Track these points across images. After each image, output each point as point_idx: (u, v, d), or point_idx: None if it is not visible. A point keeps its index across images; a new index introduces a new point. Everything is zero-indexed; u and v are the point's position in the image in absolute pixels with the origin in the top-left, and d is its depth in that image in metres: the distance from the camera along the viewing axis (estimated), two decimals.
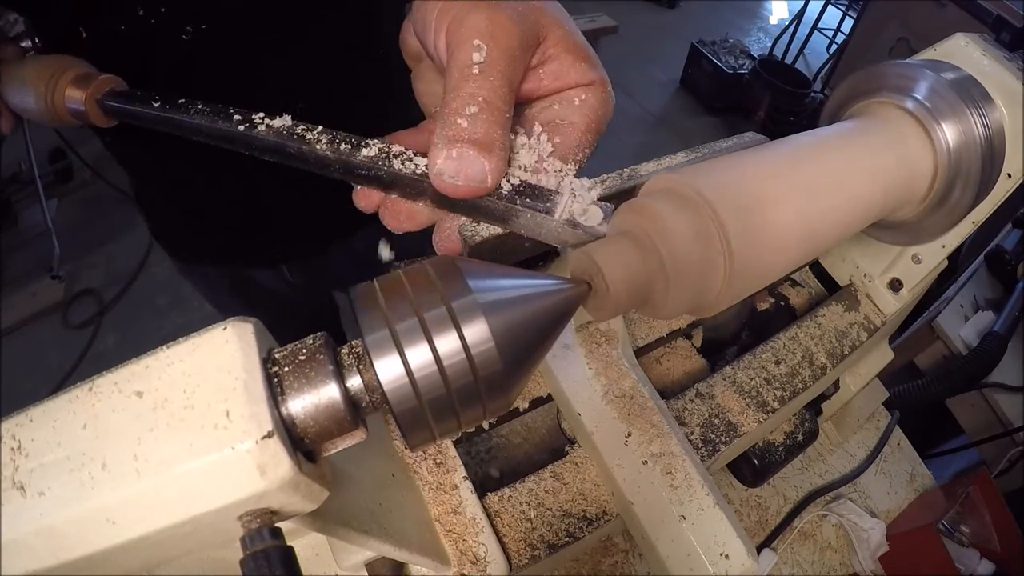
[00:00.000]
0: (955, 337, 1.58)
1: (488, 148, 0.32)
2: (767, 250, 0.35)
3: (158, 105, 0.46)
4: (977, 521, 0.88)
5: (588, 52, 0.39)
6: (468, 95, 0.32)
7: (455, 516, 0.45)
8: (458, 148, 0.32)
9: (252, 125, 0.39)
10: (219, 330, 0.23)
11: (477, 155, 0.32)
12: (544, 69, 0.38)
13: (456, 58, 0.33)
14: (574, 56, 0.38)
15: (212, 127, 0.42)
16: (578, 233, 0.34)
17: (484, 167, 0.32)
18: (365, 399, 0.25)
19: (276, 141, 0.38)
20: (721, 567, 0.43)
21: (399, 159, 0.35)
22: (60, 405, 0.23)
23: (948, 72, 0.47)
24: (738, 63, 3.49)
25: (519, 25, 0.34)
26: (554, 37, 0.37)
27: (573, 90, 0.38)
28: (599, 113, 0.38)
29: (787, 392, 0.56)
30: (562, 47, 0.37)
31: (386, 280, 0.26)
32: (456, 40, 0.34)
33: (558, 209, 0.34)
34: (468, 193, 0.33)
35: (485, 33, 0.33)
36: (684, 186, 0.33)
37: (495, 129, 0.32)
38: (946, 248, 0.57)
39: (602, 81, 0.39)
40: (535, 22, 0.36)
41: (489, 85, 0.33)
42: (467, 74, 0.33)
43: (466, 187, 0.33)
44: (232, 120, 0.40)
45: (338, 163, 0.37)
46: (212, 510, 0.21)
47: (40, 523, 0.21)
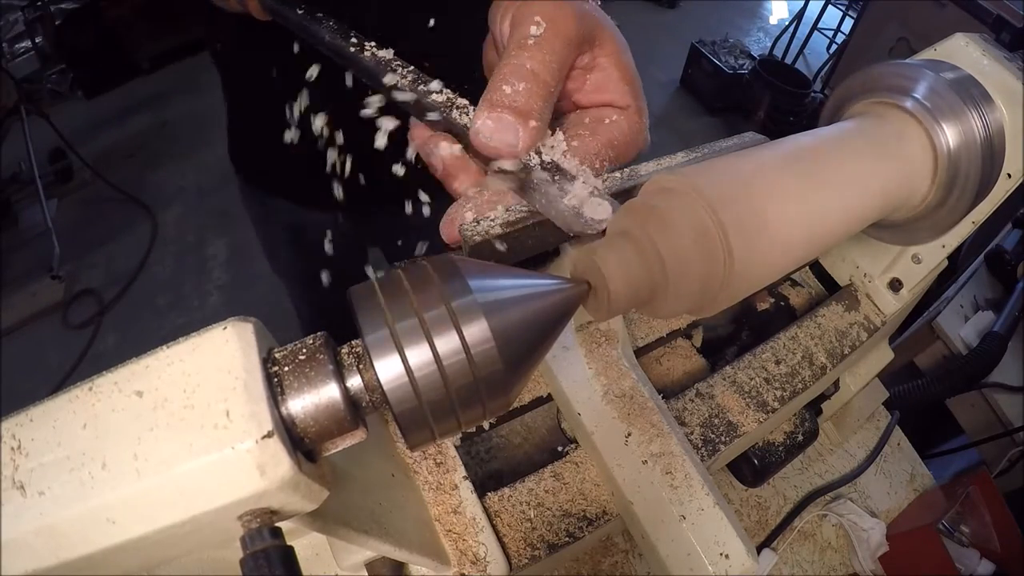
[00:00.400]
0: (955, 337, 1.58)
1: (526, 116, 0.34)
2: (767, 250, 0.35)
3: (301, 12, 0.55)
4: (977, 521, 0.88)
5: (635, 78, 0.41)
6: (518, 63, 0.35)
7: (455, 516, 0.45)
8: (498, 112, 0.34)
9: (362, 49, 0.47)
10: (219, 330, 0.23)
11: (514, 121, 0.34)
12: (590, 75, 0.40)
13: (515, 32, 0.36)
14: (620, 74, 0.40)
15: (333, 42, 0.50)
16: (581, 222, 0.35)
17: (518, 134, 0.34)
18: (365, 399, 0.25)
19: (373, 68, 0.46)
20: (721, 567, 0.42)
21: (460, 110, 0.40)
22: (60, 405, 0.23)
23: (948, 72, 0.47)
24: (738, 63, 3.49)
25: (579, 20, 0.37)
26: (607, 49, 0.40)
27: (607, 108, 0.40)
28: (626, 138, 0.40)
29: (787, 392, 0.56)
30: (612, 60, 0.40)
31: (386, 280, 0.26)
32: (519, 19, 0.37)
33: (569, 195, 0.36)
34: (499, 153, 0.35)
35: (546, 14, 0.36)
36: (684, 186, 0.33)
37: (536, 100, 0.35)
38: (946, 248, 0.57)
39: (638, 110, 0.41)
40: (594, 27, 0.39)
41: (540, 58, 0.35)
42: (522, 44, 0.35)
43: (496, 149, 0.35)
44: (349, 40, 0.49)
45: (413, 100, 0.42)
46: (212, 510, 0.21)
47: (40, 523, 0.21)
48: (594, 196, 0.36)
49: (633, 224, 0.33)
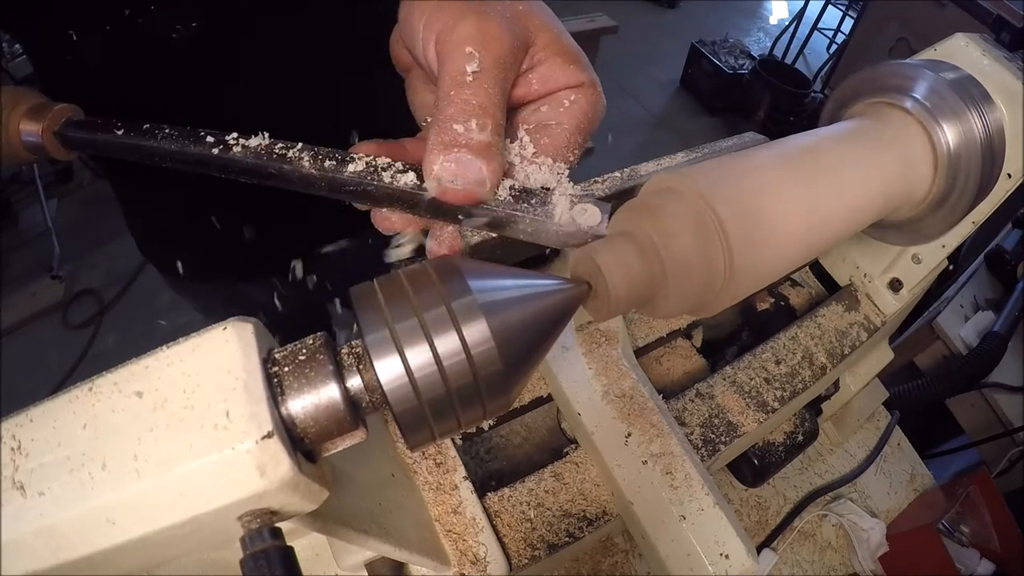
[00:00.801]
0: (955, 337, 1.58)
1: (485, 152, 0.32)
2: (767, 250, 0.35)
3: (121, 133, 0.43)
4: (977, 521, 0.88)
5: (578, 54, 0.38)
6: (463, 101, 0.32)
7: (455, 516, 0.45)
8: (455, 152, 0.32)
9: (227, 147, 0.37)
10: (219, 330, 0.23)
11: (474, 159, 0.32)
12: (533, 73, 0.37)
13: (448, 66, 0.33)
14: (563, 59, 0.37)
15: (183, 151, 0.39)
16: (578, 234, 0.34)
17: (482, 170, 0.32)
18: (365, 399, 0.25)
19: (255, 162, 0.36)
20: (721, 567, 0.42)
21: (388, 172, 0.34)
22: (60, 405, 0.23)
23: (948, 72, 0.47)
24: (738, 63, 3.49)
25: (509, 31, 0.34)
26: (543, 40, 0.37)
27: (562, 92, 0.38)
28: (589, 114, 0.38)
29: (787, 392, 0.56)
30: (551, 50, 0.37)
31: (386, 280, 0.26)
32: (447, 48, 0.34)
33: (557, 211, 0.34)
34: (467, 198, 0.33)
35: (476, 41, 0.33)
36: (684, 186, 0.33)
37: (491, 134, 0.32)
38: (946, 248, 0.57)
39: (592, 82, 0.39)
40: (524, 27, 0.36)
41: (483, 91, 0.33)
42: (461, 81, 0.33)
43: (465, 191, 0.32)
44: (204, 142, 0.38)
45: (323, 180, 0.35)
46: (212, 510, 0.21)
47: (40, 523, 0.21)
48: (576, 204, 0.34)
49: (633, 224, 0.33)
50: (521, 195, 0.34)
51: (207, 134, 0.38)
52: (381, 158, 0.35)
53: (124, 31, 0.59)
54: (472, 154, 0.32)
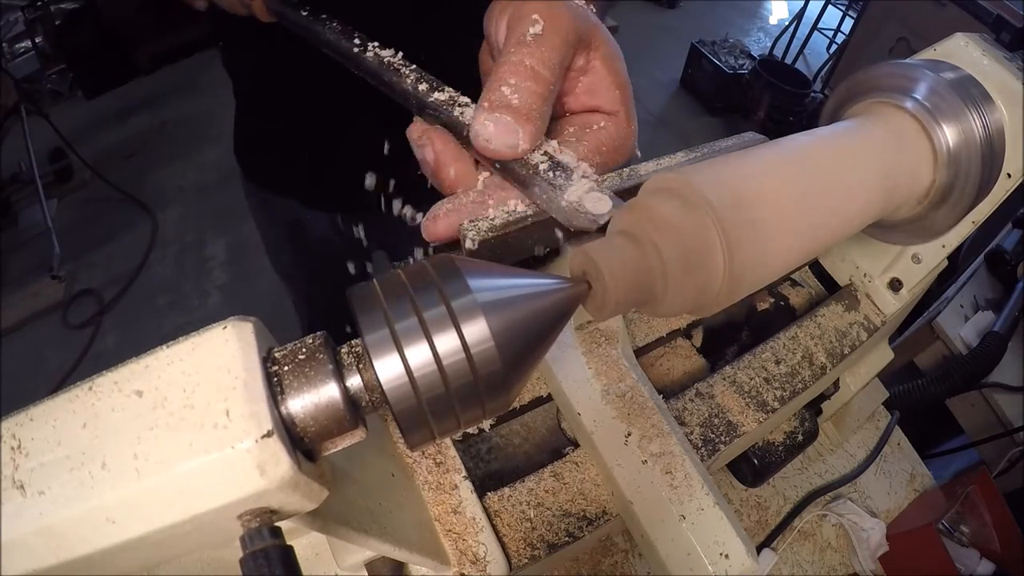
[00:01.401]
0: (955, 337, 1.58)
1: (525, 117, 0.34)
2: (767, 249, 0.35)
3: (305, 14, 0.55)
4: (977, 521, 0.88)
5: (626, 84, 0.41)
6: (517, 62, 0.35)
7: (455, 516, 0.45)
8: (497, 114, 0.34)
9: (365, 49, 0.48)
10: (219, 329, 0.23)
11: (513, 122, 0.34)
12: (584, 78, 0.40)
13: (513, 31, 0.36)
14: (612, 79, 0.40)
15: (337, 43, 0.51)
16: (581, 216, 0.35)
17: (518, 135, 0.34)
18: (365, 398, 0.25)
19: (376, 68, 0.47)
20: (721, 567, 0.42)
21: (462, 108, 0.40)
22: (60, 405, 0.23)
23: (948, 72, 0.47)
24: (738, 63, 3.49)
25: (576, 20, 0.37)
26: (602, 53, 0.39)
27: (595, 114, 0.40)
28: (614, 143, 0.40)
29: (787, 392, 0.56)
30: (605, 64, 0.40)
31: (386, 279, 0.26)
32: (516, 18, 0.37)
33: (571, 189, 0.36)
34: (499, 155, 0.36)
35: (544, 12, 0.36)
36: (684, 186, 0.33)
37: (535, 99, 0.34)
38: (946, 248, 0.57)
39: (627, 117, 0.41)
40: (589, 30, 0.39)
41: (539, 55, 0.35)
42: (521, 41, 0.35)
43: (497, 151, 0.35)
44: (353, 41, 0.49)
45: (415, 98, 0.43)
46: (212, 509, 0.21)
47: (40, 522, 0.21)
48: (594, 191, 0.36)
49: (633, 223, 0.33)
50: (550, 164, 0.37)
51: (358, 36, 0.50)
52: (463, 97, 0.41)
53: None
54: (512, 116, 0.34)
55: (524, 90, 0.34)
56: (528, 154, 0.37)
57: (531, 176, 0.37)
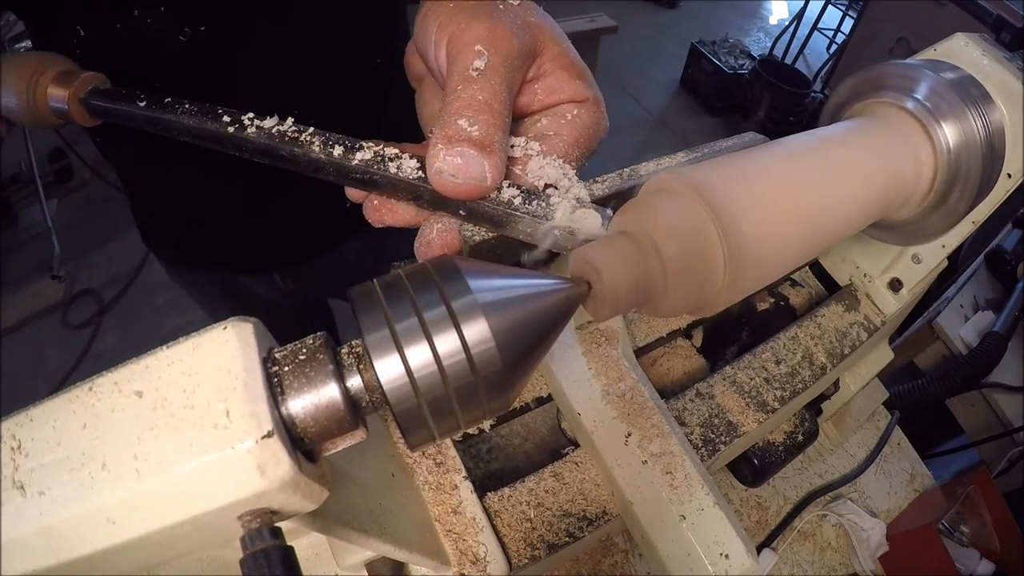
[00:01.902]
0: (955, 337, 1.58)
1: (488, 148, 0.32)
2: (767, 250, 0.35)
3: (144, 104, 0.45)
4: (977, 521, 0.88)
5: (583, 70, 0.39)
6: (469, 96, 0.33)
7: (455, 516, 0.45)
8: (458, 147, 0.32)
9: (242, 126, 0.38)
10: (219, 330, 0.23)
11: (477, 154, 0.32)
12: (539, 84, 0.38)
13: (457, 63, 0.34)
14: (569, 72, 0.38)
15: (201, 127, 0.41)
16: (575, 239, 0.34)
17: (484, 166, 0.32)
18: (365, 399, 0.25)
19: (267, 143, 0.38)
20: (721, 567, 0.42)
21: (394, 162, 0.35)
22: (60, 405, 0.23)
23: (948, 72, 0.47)
24: (738, 63, 3.49)
25: (518, 36, 0.35)
26: (550, 53, 0.38)
27: (565, 105, 0.39)
28: (590, 130, 0.38)
29: (787, 392, 0.56)
30: (557, 63, 0.38)
31: (386, 280, 0.26)
32: (457, 48, 0.35)
33: (557, 215, 0.34)
34: (468, 193, 0.33)
35: (486, 40, 0.34)
36: (684, 186, 0.33)
37: (495, 131, 0.33)
38: (946, 248, 0.57)
39: (595, 100, 0.39)
40: (533, 36, 0.37)
41: (490, 88, 0.33)
42: (468, 76, 0.33)
43: (466, 186, 0.33)
44: (221, 120, 0.39)
45: (332, 166, 0.36)
46: (212, 510, 0.21)
47: (40, 523, 0.21)
48: (578, 209, 0.34)
49: (633, 224, 0.33)
50: (523, 195, 0.35)
51: (224, 112, 0.40)
52: (389, 148, 0.36)
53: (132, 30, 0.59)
54: (475, 150, 0.32)
55: (482, 123, 0.32)
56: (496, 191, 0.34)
57: (507, 214, 0.34)
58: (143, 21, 0.59)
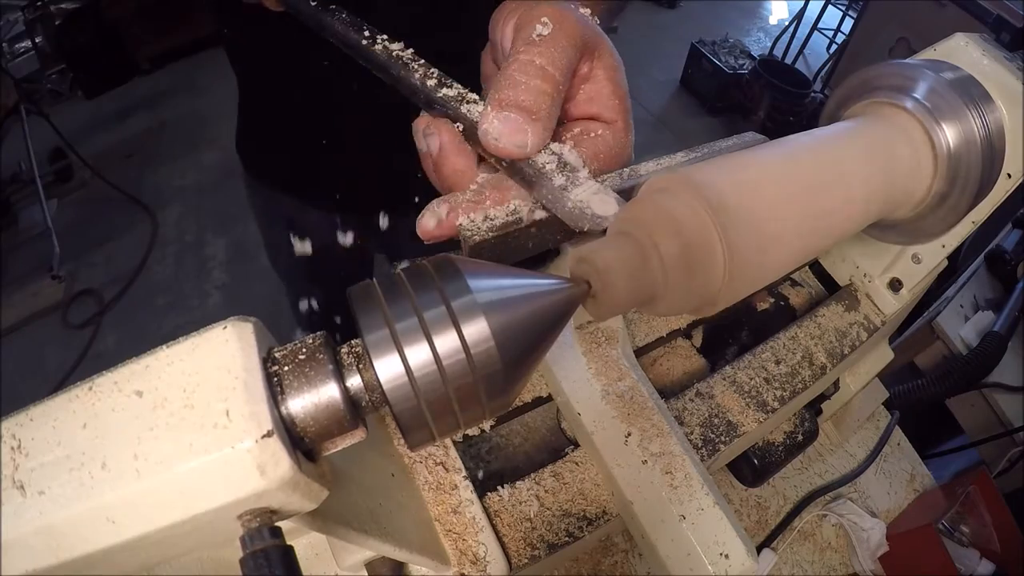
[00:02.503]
0: (955, 337, 1.58)
1: (534, 115, 0.34)
2: (767, 249, 0.35)
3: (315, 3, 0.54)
4: (977, 521, 0.88)
5: (625, 95, 0.41)
6: (526, 60, 0.35)
7: (455, 516, 0.45)
8: (507, 112, 0.34)
9: (374, 41, 0.47)
10: (219, 329, 0.23)
11: (523, 121, 0.34)
12: (585, 85, 0.40)
13: (521, 32, 0.37)
14: (613, 88, 0.40)
15: (346, 34, 0.49)
16: (587, 217, 0.35)
17: (527, 134, 0.34)
18: (365, 398, 0.25)
19: (385, 61, 0.45)
20: (721, 567, 0.43)
21: (471, 104, 0.40)
22: (60, 405, 0.23)
23: (948, 72, 0.47)
24: (738, 63, 3.49)
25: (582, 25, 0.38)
26: (604, 62, 0.40)
27: (594, 123, 0.40)
28: (612, 152, 0.41)
29: (787, 392, 0.56)
30: (606, 73, 0.40)
31: (386, 279, 0.26)
32: (524, 20, 0.37)
33: (577, 189, 0.36)
34: (507, 155, 0.35)
35: (553, 15, 0.36)
36: (684, 185, 0.33)
37: (544, 99, 0.34)
38: (946, 248, 0.57)
39: (626, 127, 0.42)
40: (594, 38, 0.39)
41: (548, 54, 0.35)
42: (529, 41, 0.35)
43: (506, 149, 0.35)
44: (362, 33, 0.48)
45: (423, 93, 0.42)
46: (212, 509, 0.21)
47: (40, 522, 0.21)
48: (600, 193, 0.36)
49: (633, 224, 0.33)
50: (557, 165, 0.37)
51: (367, 28, 0.49)
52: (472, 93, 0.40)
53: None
54: (521, 115, 0.34)
55: (533, 89, 0.34)
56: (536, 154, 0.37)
57: (537, 175, 0.37)
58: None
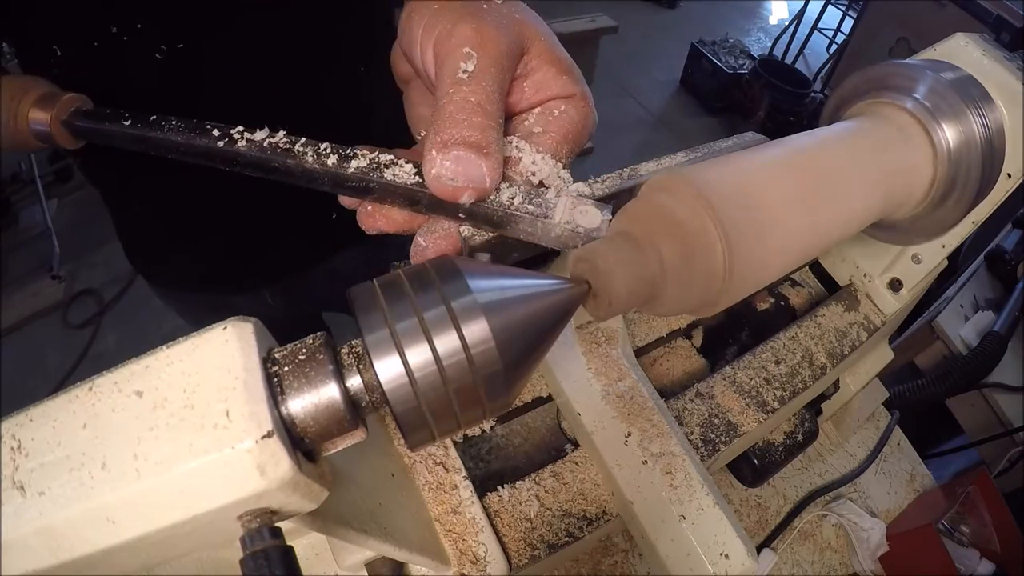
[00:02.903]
0: (955, 337, 1.58)
1: (484, 150, 0.32)
2: (767, 249, 0.35)
3: (129, 123, 0.44)
4: (977, 521, 0.88)
5: (570, 66, 0.39)
6: (461, 99, 0.33)
7: (455, 516, 0.45)
8: (455, 151, 0.32)
9: (232, 140, 0.38)
10: (219, 330, 0.23)
11: (475, 157, 0.32)
12: (527, 81, 0.38)
13: (446, 66, 0.34)
14: (556, 69, 0.38)
15: (189, 143, 0.40)
16: (577, 235, 0.34)
17: (482, 168, 0.32)
18: (365, 399, 0.25)
19: (259, 156, 0.37)
20: (721, 567, 0.43)
21: (390, 169, 0.35)
22: (60, 405, 0.23)
23: (948, 72, 0.47)
24: (738, 63, 3.49)
25: (505, 36, 0.35)
26: (536, 49, 0.38)
27: (553, 102, 0.38)
28: (578, 125, 0.38)
29: (787, 392, 0.56)
30: (544, 59, 0.38)
31: (386, 280, 0.26)
32: (445, 51, 0.34)
33: (557, 212, 0.34)
34: (467, 196, 0.33)
35: (474, 42, 0.34)
36: (683, 185, 0.33)
37: (489, 132, 0.33)
38: (946, 248, 0.57)
39: (583, 95, 0.39)
40: (520, 34, 0.37)
41: (481, 89, 0.33)
42: (458, 80, 0.33)
43: (465, 189, 0.33)
44: (211, 135, 0.39)
45: (327, 176, 0.36)
46: (212, 510, 0.21)
47: (40, 523, 0.21)
48: (578, 206, 0.34)
49: (633, 223, 0.33)
50: (522, 195, 0.35)
51: (213, 127, 0.39)
52: (384, 154, 0.36)
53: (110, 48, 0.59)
54: (471, 151, 0.32)
55: (477, 125, 0.32)
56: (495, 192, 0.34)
57: (507, 215, 0.34)
58: (120, 39, 0.58)
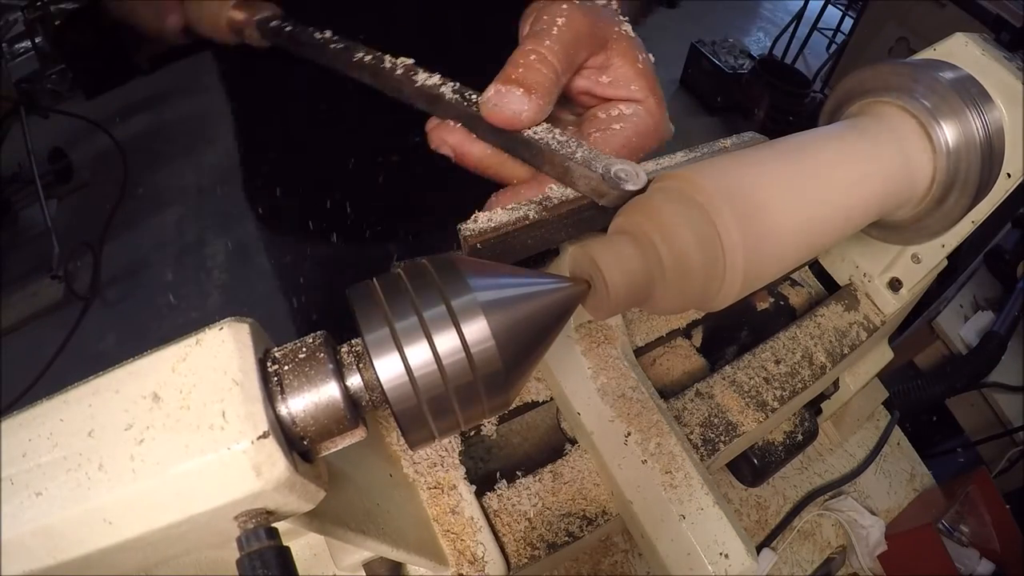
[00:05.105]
0: (955, 337, 1.58)
1: (532, 90, 0.38)
2: (766, 248, 0.35)
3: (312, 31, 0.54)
4: (977, 521, 0.88)
5: (649, 71, 0.45)
6: (530, 48, 0.39)
7: (453, 516, 0.45)
8: (507, 86, 0.38)
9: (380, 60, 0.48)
10: (216, 330, 0.23)
11: (521, 94, 0.38)
12: (604, 74, 0.43)
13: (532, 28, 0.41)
14: (634, 70, 0.43)
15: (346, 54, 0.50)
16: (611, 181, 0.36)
17: (524, 104, 0.38)
18: (365, 398, 0.25)
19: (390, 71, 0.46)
20: (721, 567, 0.42)
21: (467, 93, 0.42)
22: (58, 405, 0.23)
23: (948, 72, 0.46)
24: (738, 63, 3.49)
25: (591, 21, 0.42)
26: (619, 48, 0.43)
27: (623, 103, 0.43)
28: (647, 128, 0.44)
29: (787, 392, 0.56)
30: (624, 59, 0.43)
31: (386, 279, 0.26)
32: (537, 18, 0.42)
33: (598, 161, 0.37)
34: (503, 121, 0.38)
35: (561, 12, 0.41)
36: (684, 184, 0.33)
37: (542, 78, 0.38)
38: (946, 248, 0.56)
39: (657, 101, 0.44)
40: (606, 28, 0.43)
41: (549, 44, 0.39)
42: (536, 33, 0.40)
43: (501, 116, 0.38)
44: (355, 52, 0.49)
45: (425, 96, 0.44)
46: (208, 510, 0.21)
47: (37, 523, 0.21)
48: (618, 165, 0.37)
49: (632, 222, 0.33)
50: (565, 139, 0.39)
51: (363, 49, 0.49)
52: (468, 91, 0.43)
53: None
54: (520, 89, 0.38)
55: (533, 70, 0.38)
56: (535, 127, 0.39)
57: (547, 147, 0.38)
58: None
